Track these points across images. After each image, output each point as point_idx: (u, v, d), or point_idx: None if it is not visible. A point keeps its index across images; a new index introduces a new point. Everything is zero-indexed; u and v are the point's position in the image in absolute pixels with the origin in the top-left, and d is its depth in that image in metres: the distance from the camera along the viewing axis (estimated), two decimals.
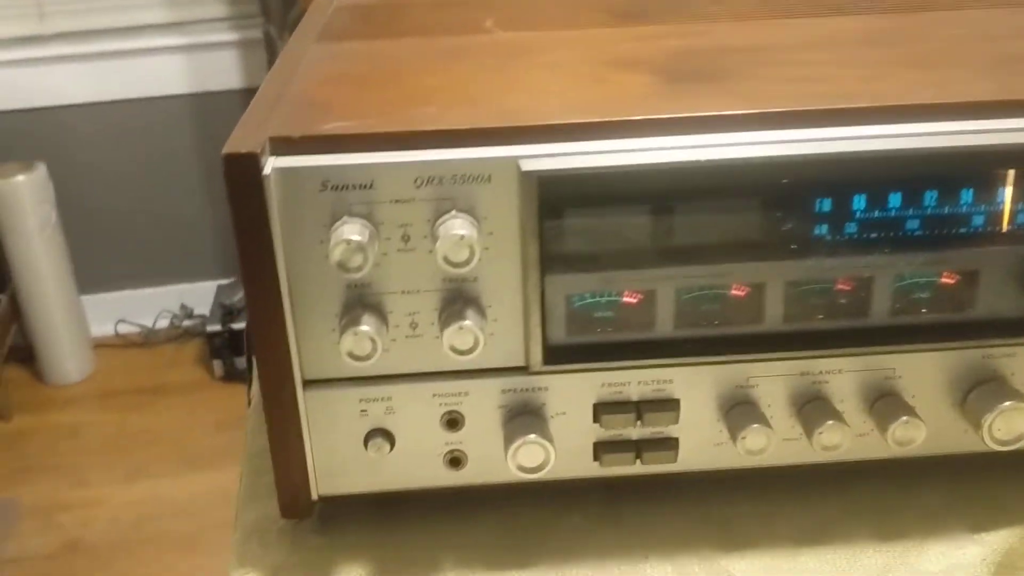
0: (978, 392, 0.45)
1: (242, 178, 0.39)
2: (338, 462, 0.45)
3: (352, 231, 0.39)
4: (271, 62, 1.81)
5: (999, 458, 0.45)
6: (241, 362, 2.00)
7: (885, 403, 0.45)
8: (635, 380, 0.44)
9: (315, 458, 0.44)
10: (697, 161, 0.40)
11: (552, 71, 0.50)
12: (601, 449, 0.45)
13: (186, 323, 2.20)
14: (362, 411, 0.44)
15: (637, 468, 0.46)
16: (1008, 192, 0.42)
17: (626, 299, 0.43)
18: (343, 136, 0.40)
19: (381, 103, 0.45)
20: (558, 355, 0.43)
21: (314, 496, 0.45)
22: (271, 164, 0.39)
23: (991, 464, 0.47)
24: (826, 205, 0.42)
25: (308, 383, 0.43)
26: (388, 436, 0.44)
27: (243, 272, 0.41)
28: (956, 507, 0.48)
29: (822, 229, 0.42)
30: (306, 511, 0.46)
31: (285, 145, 0.40)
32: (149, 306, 2.20)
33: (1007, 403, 0.43)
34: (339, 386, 0.43)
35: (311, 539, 0.47)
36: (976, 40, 0.52)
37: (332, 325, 0.42)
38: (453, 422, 0.44)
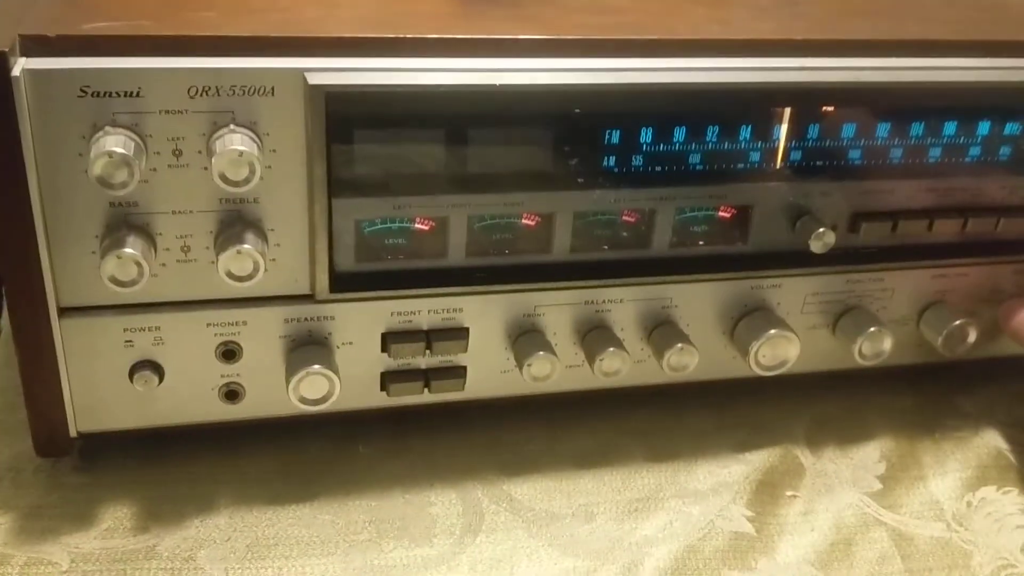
0: (746, 321, 0.47)
1: None
2: (100, 396, 0.42)
3: (115, 143, 0.35)
4: None
5: (763, 383, 0.49)
6: None
7: (662, 331, 0.47)
8: (425, 309, 0.44)
9: (73, 392, 0.41)
10: (490, 85, 0.39)
11: None
12: (389, 379, 0.44)
13: None
14: (127, 341, 0.41)
15: (425, 397, 0.45)
16: (781, 130, 0.44)
17: (417, 226, 0.42)
18: (106, 37, 0.36)
19: (156, 5, 0.41)
20: (346, 283, 0.42)
21: (73, 433, 0.42)
22: (21, 65, 0.35)
23: (756, 388, 0.50)
24: (614, 137, 0.42)
25: (65, 310, 0.40)
26: (157, 368, 0.41)
27: None
28: (723, 429, 0.51)
29: (610, 160, 0.43)
30: (64, 448, 0.43)
31: (39, 44, 0.36)
32: None
33: (772, 331, 0.46)
34: (100, 314, 0.40)
35: (71, 478, 0.45)
36: None
37: (93, 247, 0.38)
38: (230, 353, 0.42)
